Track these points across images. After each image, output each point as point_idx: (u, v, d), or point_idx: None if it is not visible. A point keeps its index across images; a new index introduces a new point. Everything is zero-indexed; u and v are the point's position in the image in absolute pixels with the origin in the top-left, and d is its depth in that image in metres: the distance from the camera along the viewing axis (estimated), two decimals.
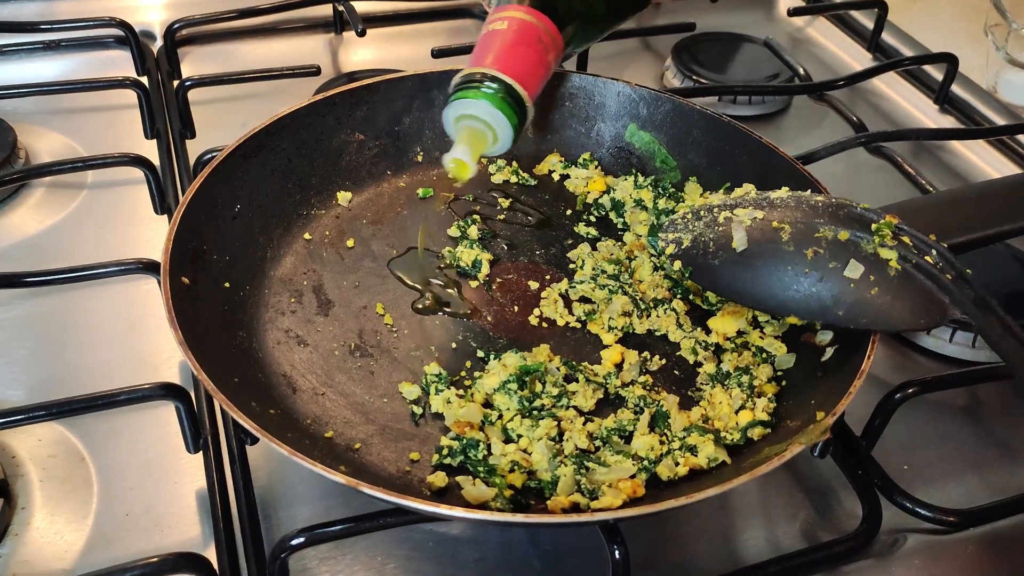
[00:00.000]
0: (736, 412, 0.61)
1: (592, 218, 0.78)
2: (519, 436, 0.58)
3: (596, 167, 0.81)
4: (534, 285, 0.72)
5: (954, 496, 0.65)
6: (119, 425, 0.65)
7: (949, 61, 1.04)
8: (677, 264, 0.66)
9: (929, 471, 0.67)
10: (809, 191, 0.65)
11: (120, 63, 1.04)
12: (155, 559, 0.50)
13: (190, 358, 0.53)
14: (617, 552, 0.53)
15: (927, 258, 0.58)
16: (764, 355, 0.65)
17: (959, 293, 0.57)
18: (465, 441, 0.57)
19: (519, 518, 0.49)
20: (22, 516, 0.60)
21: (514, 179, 0.81)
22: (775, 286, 0.61)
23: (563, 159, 0.82)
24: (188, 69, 1.03)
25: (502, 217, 0.78)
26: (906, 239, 0.59)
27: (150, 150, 0.87)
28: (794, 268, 0.60)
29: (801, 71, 1.07)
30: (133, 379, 0.62)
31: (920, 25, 1.18)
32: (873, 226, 0.59)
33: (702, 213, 0.66)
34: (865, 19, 1.19)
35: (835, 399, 0.55)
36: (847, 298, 0.58)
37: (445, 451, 0.57)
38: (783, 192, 0.65)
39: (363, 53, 1.11)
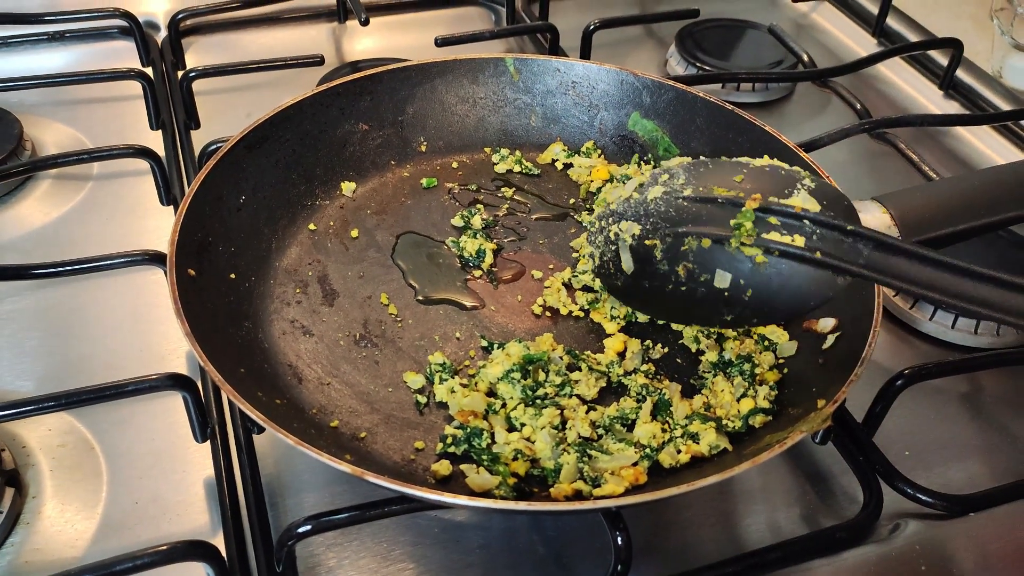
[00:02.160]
0: (738, 400, 0.61)
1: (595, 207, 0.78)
2: (522, 424, 0.59)
3: (599, 155, 0.82)
4: (537, 274, 0.72)
5: (955, 482, 0.65)
6: (127, 415, 0.66)
7: (954, 46, 1.04)
8: (597, 282, 0.68)
9: (930, 457, 0.67)
10: (684, 179, 0.61)
11: (124, 54, 1.05)
12: (164, 547, 0.51)
13: (197, 350, 0.53)
14: (620, 538, 0.54)
15: (796, 237, 0.55)
16: (766, 343, 0.65)
17: (842, 260, 0.55)
18: (469, 430, 0.58)
19: (522, 506, 0.50)
20: (33, 505, 0.61)
21: (517, 168, 0.81)
22: (668, 302, 0.61)
23: (566, 148, 0.83)
24: (192, 59, 1.04)
25: (506, 206, 0.78)
26: (774, 220, 0.56)
27: (155, 141, 0.88)
28: (674, 285, 0.60)
29: (805, 57, 1.07)
30: (140, 369, 0.63)
31: (925, 10, 1.17)
32: (732, 222, 0.57)
33: (601, 224, 0.65)
34: (870, 4, 1.19)
35: (836, 386, 0.56)
36: (731, 302, 0.58)
37: (449, 440, 0.58)
38: (658, 190, 0.61)
39: (366, 42, 1.11)
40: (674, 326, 0.67)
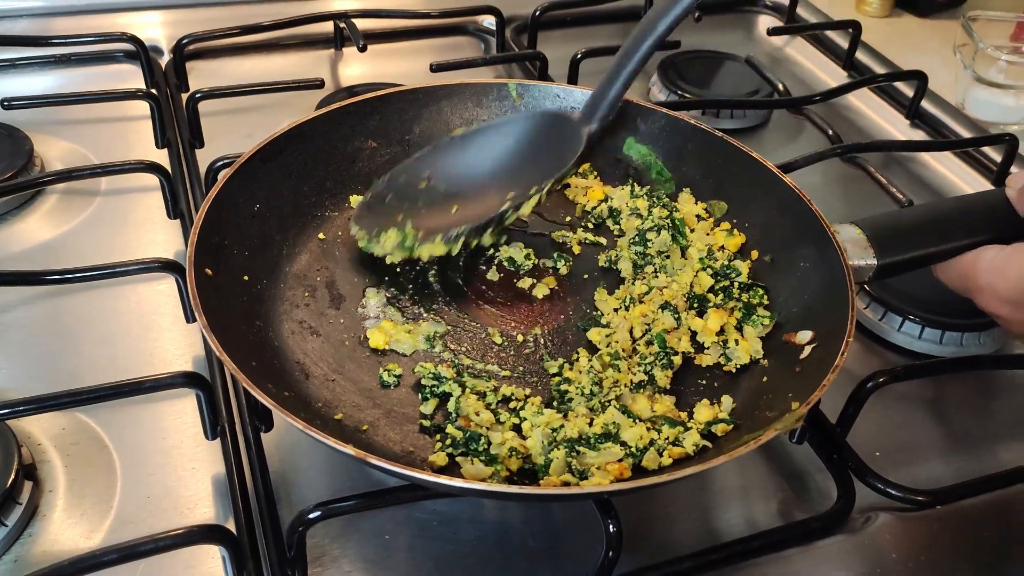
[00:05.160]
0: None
1: (590, 224, 0.82)
2: (523, 419, 0.62)
3: (595, 177, 0.85)
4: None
5: (921, 479, 0.69)
6: (138, 415, 0.69)
7: (919, 78, 1.10)
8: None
9: (899, 457, 0.71)
10: None
11: (128, 76, 1.08)
12: (182, 531, 0.54)
13: (213, 340, 0.56)
14: (611, 526, 0.57)
15: None
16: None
17: None
18: (468, 434, 0.61)
19: (523, 489, 0.53)
20: (49, 498, 0.63)
21: None
22: None
23: None
24: (194, 83, 1.07)
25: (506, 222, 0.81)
26: None
27: (160, 158, 0.90)
28: None
29: (780, 87, 1.12)
30: (147, 373, 0.65)
31: (892, 44, 1.24)
32: None
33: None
34: (840, 39, 1.25)
35: (810, 391, 0.58)
36: None
37: (448, 441, 0.61)
38: None
39: (361, 68, 1.15)
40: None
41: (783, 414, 0.59)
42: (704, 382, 0.68)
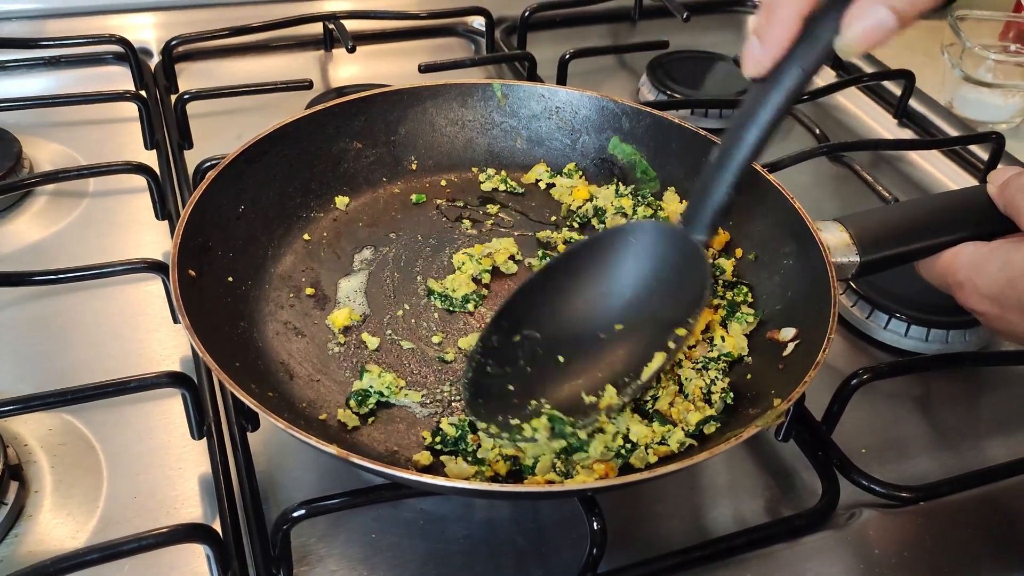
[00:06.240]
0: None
1: (575, 224, 0.82)
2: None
3: (580, 176, 0.85)
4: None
5: (908, 476, 0.69)
6: (125, 416, 0.69)
7: (907, 77, 1.10)
8: None
9: (886, 454, 0.72)
10: None
11: (117, 78, 1.08)
12: (166, 529, 0.54)
13: (195, 341, 0.56)
14: (595, 523, 0.57)
15: None
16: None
17: None
18: (459, 434, 0.61)
19: (508, 488, 0.53)
20: (36, 499, 0.63)
21: (503, 187, 0.84)
22: None
23: (549, 169, 0.86)
24: (183, 84, 1.07)
25: (490, 222, 0.82)
26: None
27: (150, 160, 0.91)
28: None
29: None
30: (135, 373, 0.65)
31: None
32: None
33: None
34: None
35: (792, 388, 0.58)
36: None
37: (438, 439, 0.61)
38: None
39: (351, 69, 1.15)
40: None
41: (765, 411, 0.59)
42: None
